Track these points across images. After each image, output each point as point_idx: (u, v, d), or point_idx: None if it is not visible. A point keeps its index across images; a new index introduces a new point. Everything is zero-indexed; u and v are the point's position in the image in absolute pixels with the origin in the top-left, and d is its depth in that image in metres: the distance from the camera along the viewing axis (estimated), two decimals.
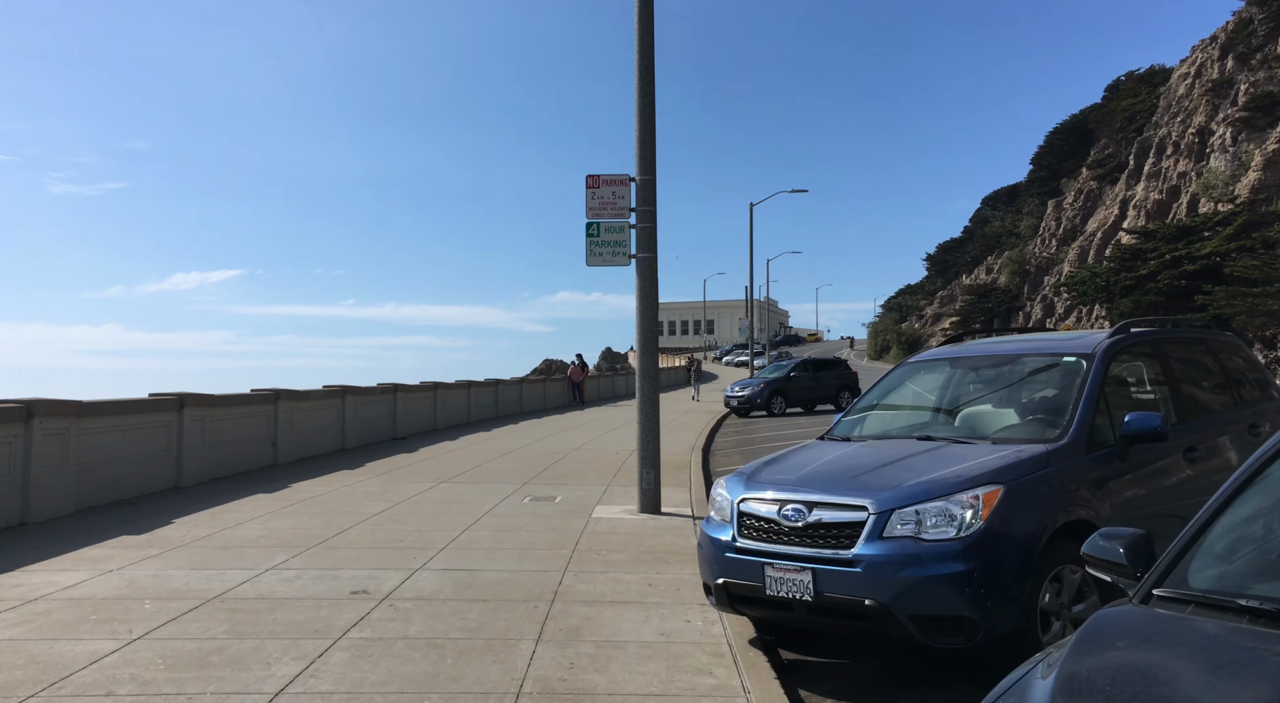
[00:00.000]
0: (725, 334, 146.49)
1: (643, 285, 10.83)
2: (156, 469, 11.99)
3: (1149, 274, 49.51)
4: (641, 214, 10.83)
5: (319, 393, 17.50)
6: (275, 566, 7.58)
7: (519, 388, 33.11)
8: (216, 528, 9.33)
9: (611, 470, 14.87)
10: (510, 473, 14.45)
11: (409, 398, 22.28)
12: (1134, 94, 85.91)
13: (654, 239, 10.88)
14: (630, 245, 10.97)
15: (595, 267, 11.06)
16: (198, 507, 10.70)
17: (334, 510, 10.55)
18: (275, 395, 15.51)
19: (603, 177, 10.99)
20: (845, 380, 32.99)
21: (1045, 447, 5.27)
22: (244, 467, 14.34)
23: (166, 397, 12.32)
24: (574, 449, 18.53)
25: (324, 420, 17.64)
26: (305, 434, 16.70)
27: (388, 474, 14.22)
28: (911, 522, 4.84)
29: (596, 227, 11.01)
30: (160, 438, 12.13)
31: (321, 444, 17.44)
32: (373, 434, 20.00)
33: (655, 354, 10.94)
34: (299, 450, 16.32)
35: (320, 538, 8.84)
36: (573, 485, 13.02)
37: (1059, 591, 4.97)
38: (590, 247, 11.01)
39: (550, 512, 10.67)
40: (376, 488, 12.58)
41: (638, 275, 10.85)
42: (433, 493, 12.10)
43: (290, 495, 11.74)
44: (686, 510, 10.96)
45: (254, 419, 14.83)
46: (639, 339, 10.92)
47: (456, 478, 13.78)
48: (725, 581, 5.41)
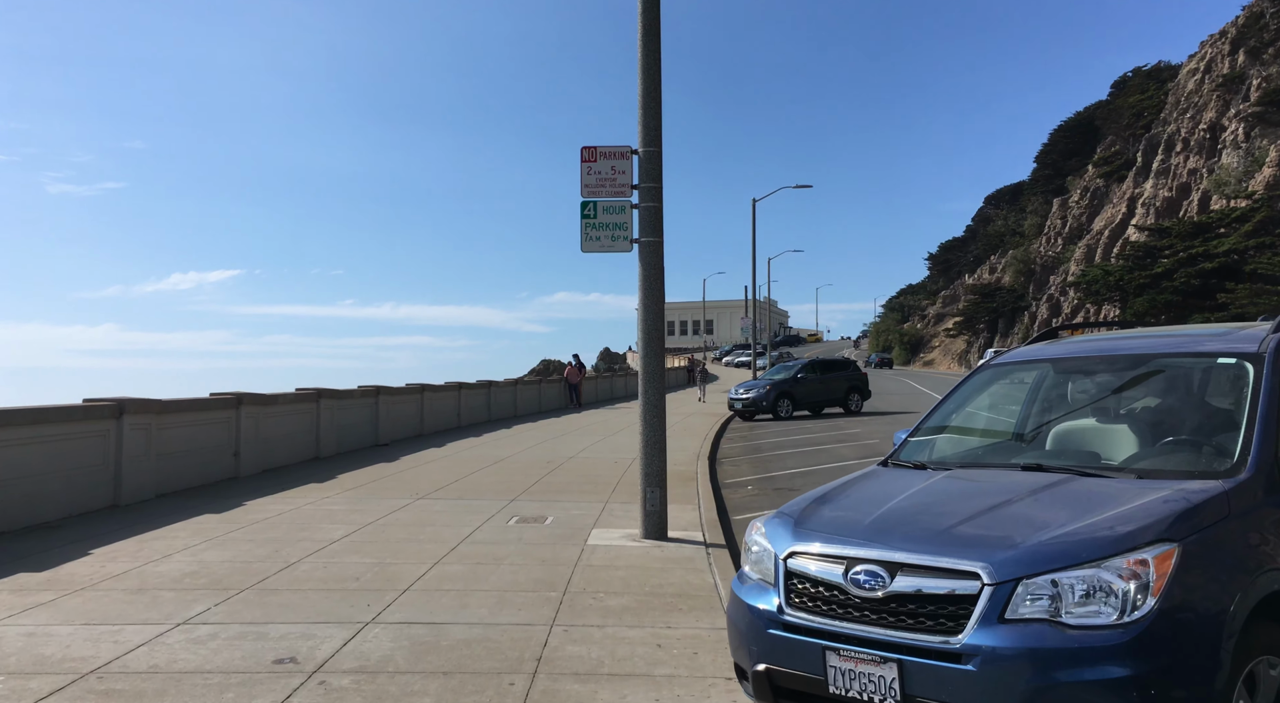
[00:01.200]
0: (724, 334, 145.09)
1: (647, 275, 9.33)
2: (88, 486, 10.47)
3: (1164, 272, 48.11)
4: (645, 192, 9.33)
5: (289, 397, 15.99)
6: (190, 618, 6.07)
7: (513, 390, 31.61)
8: (138, 562, 7.81)
9: (610, 483, 13.37)
10: (497, 486, 12.94)
11: (393, 401, 20.77)
12: (1141, 90, 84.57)
13: (660, 221, 9.39)
14: (632, 228, 9.47)
15: (592, 253, 9.57)
16: (127, 532, 9.18)
17: (286, 536, 9.04)
18: (238, 400, 13.99)
19: (600, 149, 9.49)
20: (855, 382, 31.48)
21: (1221, 484, 3.76)
22: (198, 480, 12.82)
23: (101, 402, 10.80)
24: (569, 458, 17.03)
25: (296, 427, 16.12)
26: (273, 443, 15.18)
27: (360, 489, 12.70)
28: (1046, 597, 3.33)
29: (593, 207, 9.51)
30: (94, 450, 10.61)
31: (293, 453, 15.93)
32: (352, 441, 18.49)
33: (661, 355, 9.45)
34: (265, 460, 14.81)
35: (259, 575, 7.33)
36: (566, 502, 11.52)
37: (1251, 694, 3.48)
38: (586, 230, 9.51)
39: (539, 537, 9.16)
40: (343, 506, 11.07)
41: (641, 263, 9.36)
42: (406, 513, 10.59)
43: (241, 516, 10.22)
44: (696, 534, 9.46)
45: (212, 426, 13.31)
46: (642, 338, 9.43)
47: (436, 493, 12.27)
48: (769, 668, 3.89)
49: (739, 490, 13.92)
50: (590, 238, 9.51)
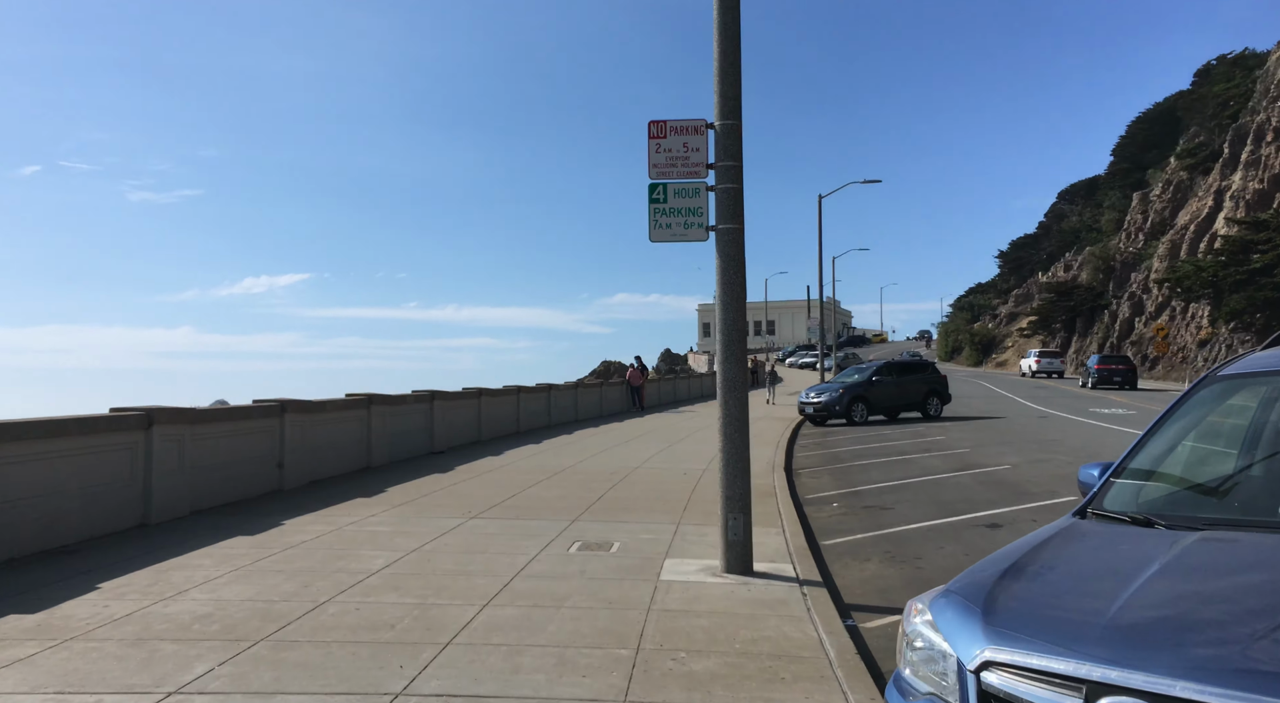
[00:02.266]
0: (786, 335, 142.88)
1: (725, 267, 8.08)
2: (113, 504, 9.58)
3: (1263, 268, 45.19)
4: (723, 172, 8.08)
5: (338, 403, 15.08)
6: (184, 685, 5.00)
7: (574, 393, 30.57)
8: (147, 600, 6.81)
9: (680, 500, 12.14)
10: (557, 503, 11.81)
11: (448, 407, 19.82)
12: (1227, 79, 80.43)
13: (740, 205, 8.14)
14: (707, 214, 8.24)
15: (662, 243, 8.36)
16: (146, 559, 8.23)
17: (320, 566, 7.99)
18: (281, 408, 13.09)
19: (670, 123, 8.27)
20: (934, 385, 29.76)
21: None
22: (238, 494, 11.92)
23: (128, 413, 9.92)
24: (634, 468, 15.85)
25: (345, 435, 15.21)
26: (321, 452, 14.28)
27: (409, 505, 11.67)
28: None
29: (662, 190, 8.30)
30: (120, 464, 9.73)
31: (342, 463, 15.02)
32: (405, 449, 17.56)
33: (743, 359, 8.19)
34: (312, 471, 13.90)
35: (280, 620, 6.26)
36: (633, 523, 10.33)
37: None
38: (654, 217, 8.30)
39: (604, 570, 7.98)
40: (388, 527, 10.03)
41: (718, 254, 8.12)
42: (456, 536, 9.50)
43: (275, 540, 9.23)
44: (785, 567, 8.19)
45: (253, 436, 12.41)
46: (721, 338, 8.18)
47: (491, 511, 11.17)
48: None
49: (823, 508, 12.58)
50: (659, 225, 8.30)
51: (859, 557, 9.39)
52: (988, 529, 10.54)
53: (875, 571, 8.76)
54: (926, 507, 12.22)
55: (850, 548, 9.85)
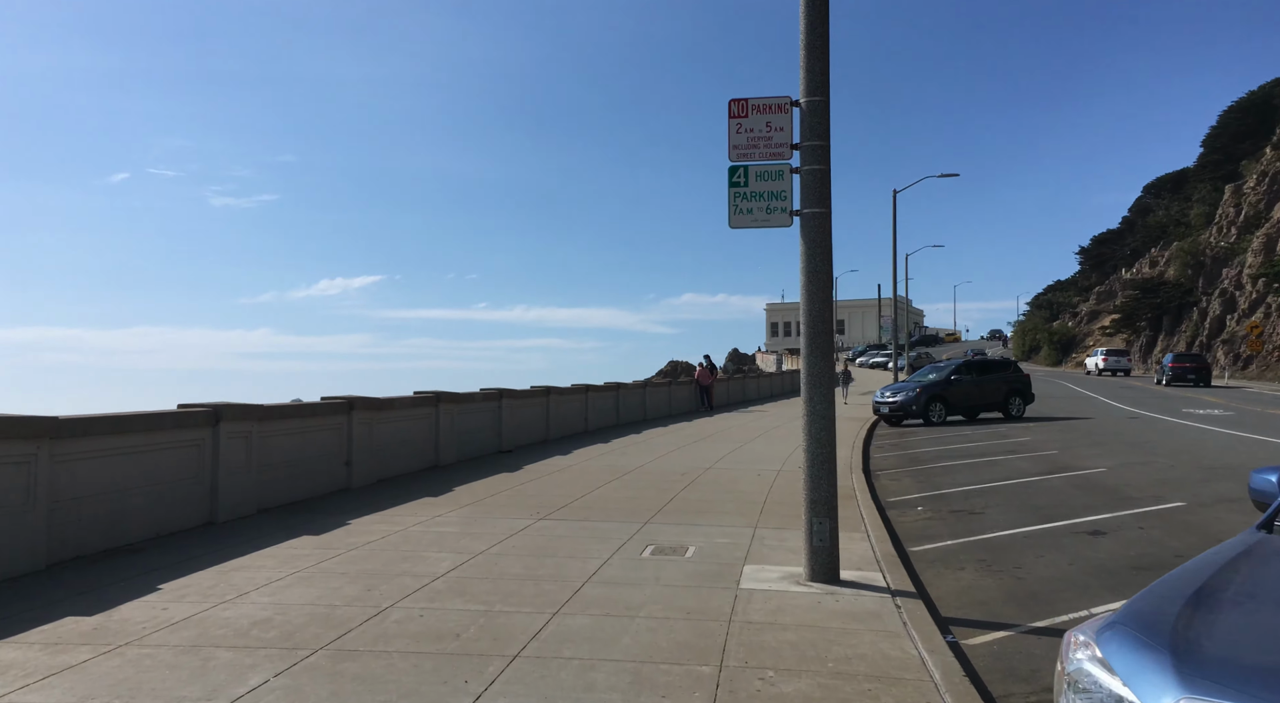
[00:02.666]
0: (856, 335, 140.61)
1: (811, 254, 7.55)
2: (179, 502, 9.44)
3: None
4: (809, 152, 7.56)
5: (406, 401, 14.89)
6: (237, 699, 4.67)
7: (642, 392, 30.17)
8: (206, 603, 6.56)
9: (756, 502, 11.62)
10: (628, 504, 11.39)
11: (516, 405, 19.57)
12: None
13: (827, 188, 7.60)
14: (792, 198, 7.72)
15: (742, 229, 7.86)
16: (210, 559, 8.02)
17: (384, 569, 7.68)
18: (349, 405, 12.92)
19: (752, 102, 7.77)
20: (1016, 384, 28.61)
21: None
22: (305, 492, 11.76)
23: (195, 409, 9.78)
24: (706, 468, 15.35)
25: (413, 433, 15.02)
26: (389, 450, 14.10)
27: (476, 505, 11.37)
28: None
29: (743, 173, 7.80)
30: (187, 462, 9.59)
31: (410, 461, 14.83)
32: (473, 448, 17.34)
33: (829, 353, 7.65)
34: (380, 470, 13.72)
35: (341, 627, 5.94)
36: (708, 526, 9.85)
37: None
38: (734, 201, 7.81)
39: (680, 576, 7.52)
40: (455, 527, 9.72)
41: (803, 241, 7.59)
42: (524, 538, 9.14)
43: (340, 540, 8.98)
44: (874, 575, 7.63)
45: (321, 434, 12.25)
46: (805, 331, 7.66)
47: (560, 512, 10.80)
48: None
49: (907, 512, 11.93)
50: (740, 210, 7.81)
51: (951, 565, 8.76)
52: (1090, 537, 9.80)
53: (971, 580, 8.13)
54: (1020, 512, 11.49)
55: (941, 556, 9.22)
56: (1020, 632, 6.50)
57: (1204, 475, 14.04)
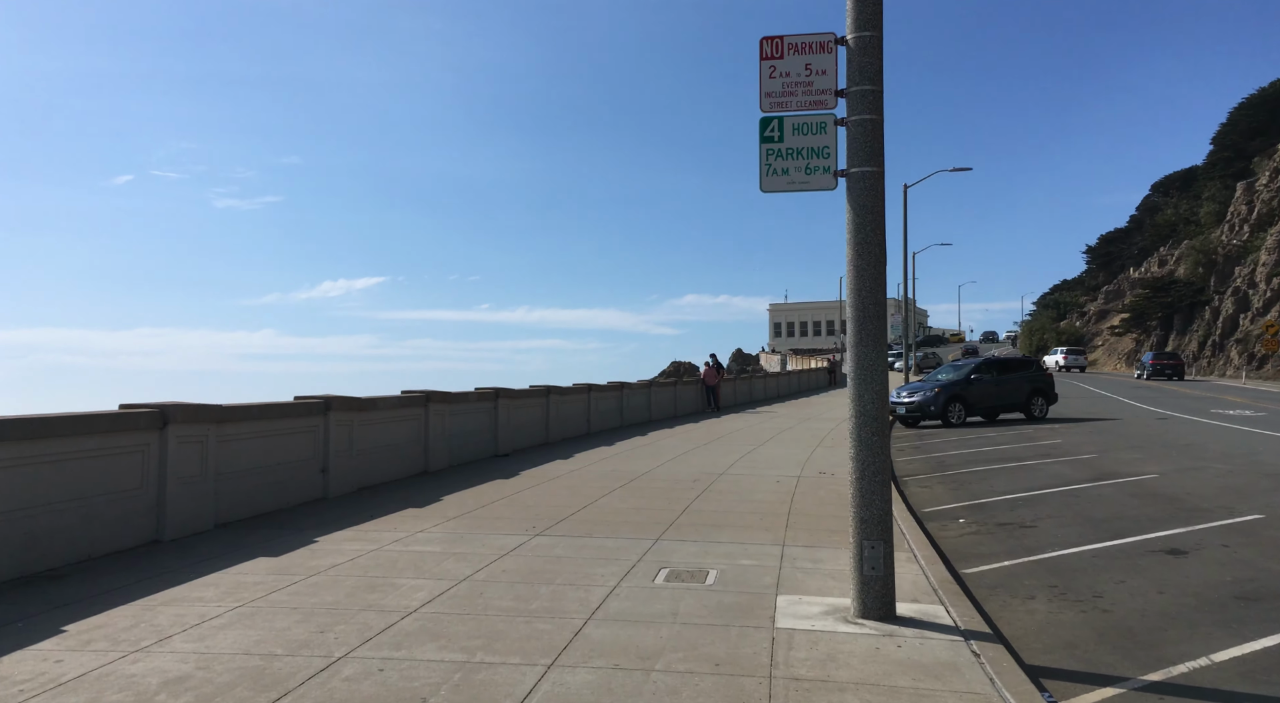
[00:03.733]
0: None
1: (860, 223, 6.25)
2: (116, 518, 8.13)
3: None
4: (859, 99, 6.26)
5: (391, 401, 13.59)
6: None
7: (647, 392, 28.86)
8: (116, 652, 5.25)
9: (779, 513, 10.32)
10: (636, 517, 10.10)
11: (514, 405, 18.26)
12: None
13: (879, 142, 6.30)
14: (836, 154, 6.43)
15: (776, 193, 6.57)
16: (138, 590, 6.71)
17: (346, 601, 6.39)
18: (325, 405, 11.62)
19: (788, 39, 6.47)
20: (1038, 383, 27.26)
21: None
22: (273, 503, 10.46)
23: (139, 410, 8.49)
24: (719, 475, 14.06)
25: (399, 436, 13.72)
26: (372, 455, 12.80)
27: (465, 517, 10.08)
28: None
29: (777, 125, 6.51)
30: (128, 471, 8.29)
31: (396, 467, 13.53)
32: (467, 451, 16.04)
33: (881, 341, 6.34)
34: (362, 476, 12.43)
35: (277, 688, 4.64)
36: (728, 543, 8.57)
37: None
38: (767, 159, 6.51)
39: (701, 610, 6.23)
40: (438, 546, 8.43)
41: (850, 206, 6.29)
42: (518, 558, 7.84)
43: (301, 562, 7.68)
44: (935, 610, 6.34)
45: (293, 437, 10.96)
46: (853, 315, 6.36)
47: (559, 525, 9.51)
48: None
49: (948, 525, 10.63)
50: (773, 171, 6.51)
51: (1018, 592, 7.46)
52: (1170, 557, 8.49)
53: (1048, 614, 6.83)
54: (1077, 525, 10.18)
55: (1002, 579, 7.92)
56: (1134, 688, 5.21)
57: (1272, 484, 12.72)
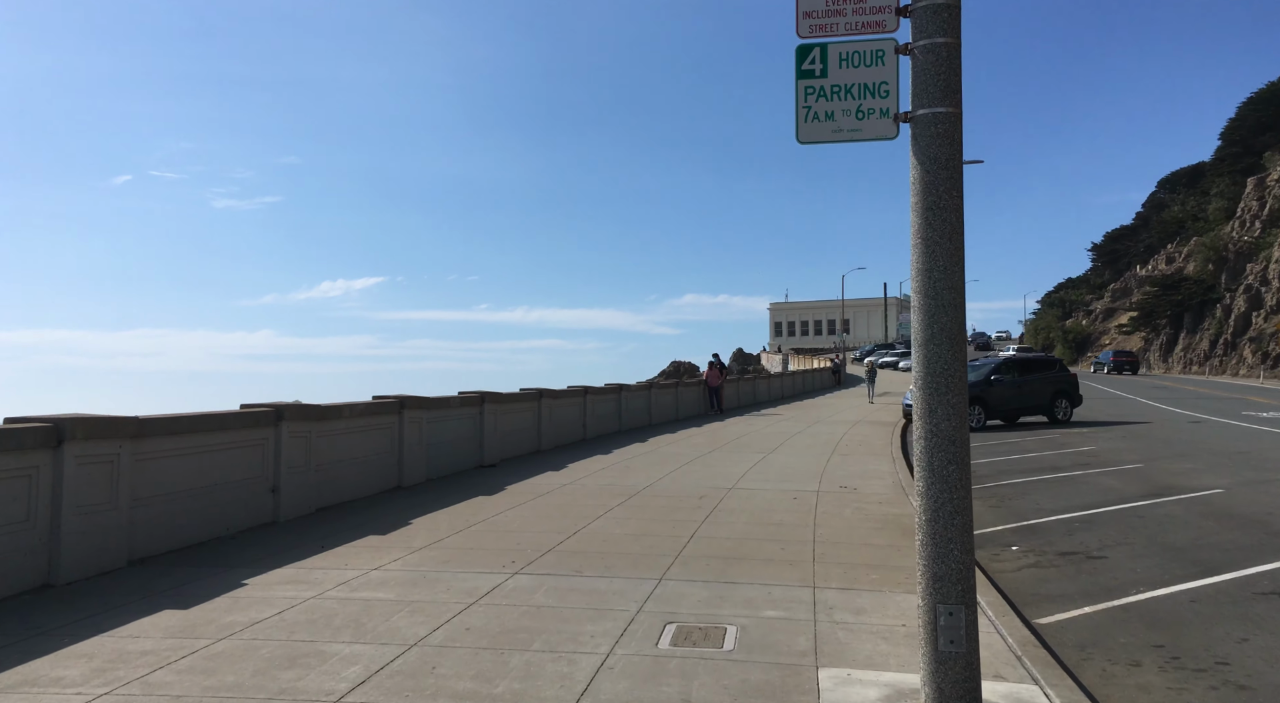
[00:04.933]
0: (861, 334, 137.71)
1: (931, 181, 4.70)
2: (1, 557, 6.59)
3: None
4: (928, 16, 4.71)
5: (359, 408, 12.03)
6: None
7: (647, 395, 27.30)
8: None
9: (802, 540, 8.77)
10: (635, 546, 8.55)
11: (502, 411, 16.69)
12: None
13: (956, 73, 4.75)
14: (898, 93, 4.89)
15: (817, 143, 5.02)
16: None
17: (253, 683, 4.84)
18: (276, 414, 10.07)
19: None
20: (1063, 385, 25.72)
21: None
22: (208, 531, 8.91)
23: (27, 425, 6.93)
24: (728, 489, 12.51)
25: (368, 448, 12.17)
26: (333, 470, 11.25)
27: (434, 548, 8.53)
28: None
29: (819, 55, 4.96)
30: (12, 501, 6.74)
31: (362, 483, 11.98)
32: (448, 463, 14.49)
33: (959, 336, 4.80)
34: (321, 496, 10.88)
35: None
36: (747, 584, 7.03)
37: None
38: (805, 101, 4.96)
39: (721, 695, 4.69)
40: (394, 588, 6.89)
41: (916, 158, 4.74)
42: (487, 610, 6.30)
43: (215, 616, 6.13)
44: (1026, 691, 4.81)
45: (236, 452, 9.41)
46: (921, 303, 4.81)
47: (544, 558, 7.97)
48: None
49: (1000, 554, 9.09)
50: (813, 116, 4.97)
51: (1116, 655, 5.91)
52: None
53: (1167, 692, 5.28)
54: (1155, 556, 8.65)
55: (1090, 635, 6.37)
56: None
57: None
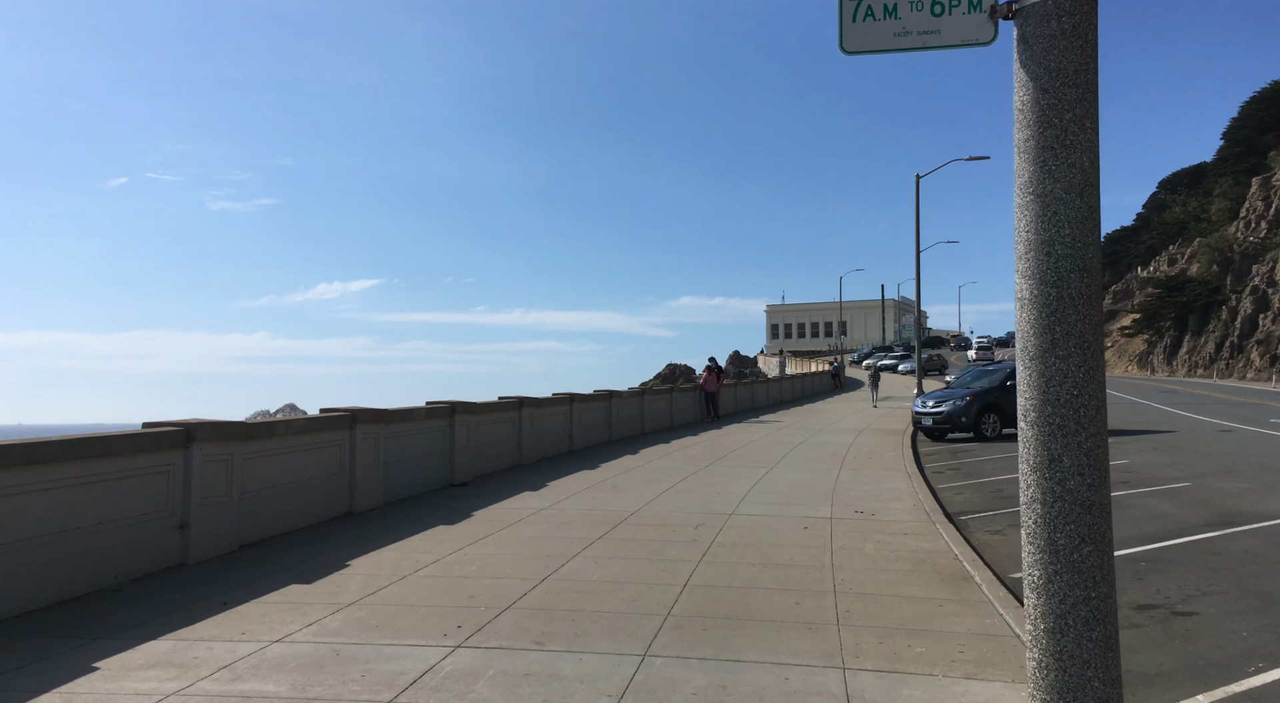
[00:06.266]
0: (859, 336, 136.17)
1: (1050, 102, 3.04)
2: None
3: None
4: None
5: (296, 425, 10.33)
6: None
7: (639, 401, 25.63)
8: None
9: (820, 588, 7.11)
10: (615, 599, 6.89)
11: (476, 423, 15.00)
12: None
13: None
14: None
15: (869, 53, 3.36)
16: None
17: None
18: (186, 435, 8.39)
19: None
20: None
21: None
22: (90, 581, 7.22)
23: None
24: (727, 516, 10.86)
25: (312, 470, 10.48)
26: (267, 497, 9.58)
27: (367, 602, 6.86)
28: None
29: None
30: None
31: (303, 510, 10.30)
32: (412, 482, 12.82)
33: (1094, 339, 3.14)
34: (248, 528, 9.20)
35: None
36: (755, 664, 5.37)
37: None
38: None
39: None
40: (293, 675, 5.22)
41: (1026, 72, 3.08)
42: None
43: None
44: None
45: (126, 484, 7.73)
46: (1033, 293, 3.15)
47: (499, 620, 6.30)
48: None
49: None
50: (866, 13, 3.31)
51: None
52: None
53: None
54: (1257, 612, 7.00)
55: None
56: None
57: None
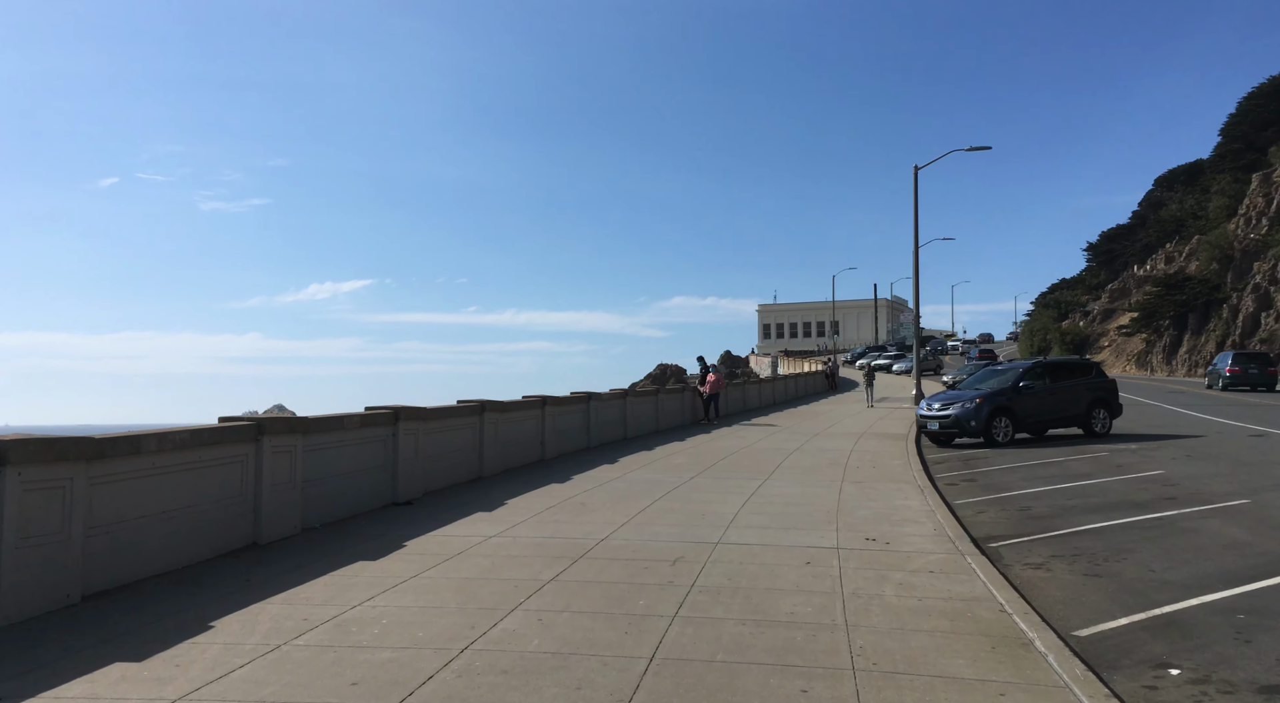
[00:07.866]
0: (851, 336, 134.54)
1: None
2: None
3: None
4: None
5: (178, 439, 8.35)
6: None
7: (621, 405, 23.77)
8: None
9: (835, 663, 5.28)
10: (553, 687, 5.07)
11: (426, 431, 13.09)
12: None
13: None
14: None
15: None
16: None
17: None
18: (91, 451, 6.50)
19: None
20: (1100, 392, 22.35)
21: None
22: None
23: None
24: (714, 545, 9.05)
25: (203, 491, 8.58)
26: (132, 533, 7.68)
27: (213, 687, 5.02)
28: None
29: None
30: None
31: (186, 547, 8.41)
32: (340, 503, 10.92)
33: None
34: (97, 576, 7.31)
35: None
36: None
37: None
38: None
39: None
40: None
41: None
42: None
43: None
44: None
45: None
46: None
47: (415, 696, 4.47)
48: None
49: (1159, 684, 5.62)
50: None
51: None
52: None
53: None
54: None
55: None
56: None
57: None
